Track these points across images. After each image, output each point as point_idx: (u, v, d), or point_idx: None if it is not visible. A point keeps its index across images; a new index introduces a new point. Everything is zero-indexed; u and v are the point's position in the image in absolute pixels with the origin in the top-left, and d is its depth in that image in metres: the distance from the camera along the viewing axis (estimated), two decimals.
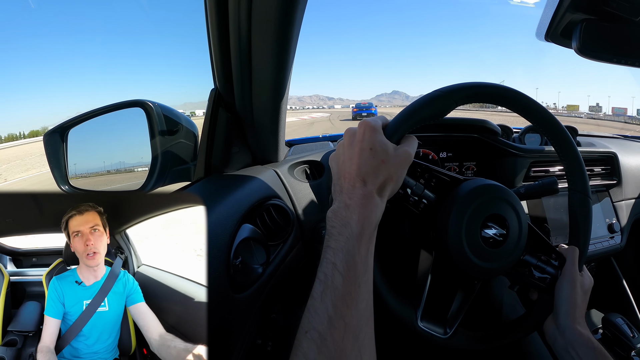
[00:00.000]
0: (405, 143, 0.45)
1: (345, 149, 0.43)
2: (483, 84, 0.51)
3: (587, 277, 0.55)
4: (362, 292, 0.37)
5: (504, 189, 0.53)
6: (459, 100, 0.49)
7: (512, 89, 0.52)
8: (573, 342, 0.50)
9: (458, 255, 0.50)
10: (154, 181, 0.64)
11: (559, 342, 0.52)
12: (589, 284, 0.55)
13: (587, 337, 0.50)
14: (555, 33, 0.60)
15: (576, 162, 0.54)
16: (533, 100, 0.53)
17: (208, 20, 0.56)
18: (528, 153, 0.89)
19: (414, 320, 0.53)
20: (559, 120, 0.54)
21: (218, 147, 0.67)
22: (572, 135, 1.02)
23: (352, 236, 0.38)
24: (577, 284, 0.52)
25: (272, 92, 0.61)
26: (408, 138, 0.47)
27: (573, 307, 0.51)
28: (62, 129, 0.67)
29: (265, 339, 0.68)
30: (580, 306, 0.52)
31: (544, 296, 0.55)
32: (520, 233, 0.52)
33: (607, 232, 1.00)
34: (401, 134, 0.46)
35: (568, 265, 0.53)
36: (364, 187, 0.40)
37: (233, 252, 0.49)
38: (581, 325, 0.51)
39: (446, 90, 0.49)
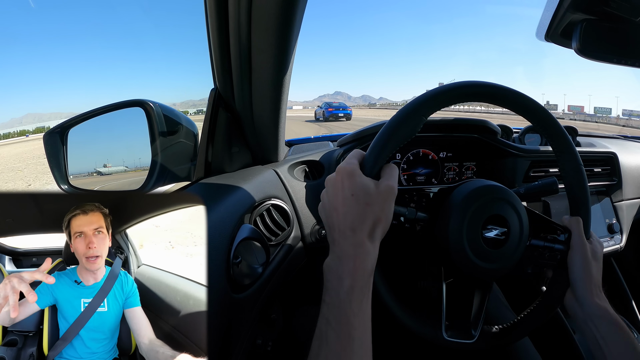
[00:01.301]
0: (385, 176, 0.44)
1: (330, 198, 0.43)
2: (442, 88, 0.49)
3: (596, 244, 0.54)
4: (356, 347, 0.37)
5: (501, 189, 0.53)
6: (429, 111, 0.47)
7: (473, 82, 0.50)
8: (591, 315, 0.50)
9: (461, 259, 0.50)
10: (153, 181, 0.64)
11: (578, 314, 0.51)
12: (600, 251, 0.54)
13: (604, 309, 0.50)
14: (555, 33, 0.60)
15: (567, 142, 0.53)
16: (506, 91, 0.51)
17: (208, 20, 0.56)
18: (528, 153, 0.89)
19: (439, 333, 0.52)
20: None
21: (218, 147, 0.67)
22: (571, 136, 1.02)
23: (343, 291, 0.38)
24: (588, 253, 0.51)
25: (272, 92, 0.61)
26: (387, 168, 0.45)
27: (588, 278, 0.51)
28: (62, 128, 0.67)
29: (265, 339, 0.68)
30: (595, 276, 0.51)
31: (559, 271, 0.54)
32: (521, 231, 0.52)
33: (607, 233, 1.00)
34: (379, 166, 0.45)
35: (575, 237, 0.52)
36: (354, 236, 0.40)
37: (233, 252, 0.49)
38: (599, 297, 0.51)
39: (414, 105, 0.47)
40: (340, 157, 0.77)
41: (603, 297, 0.51)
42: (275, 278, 0.60)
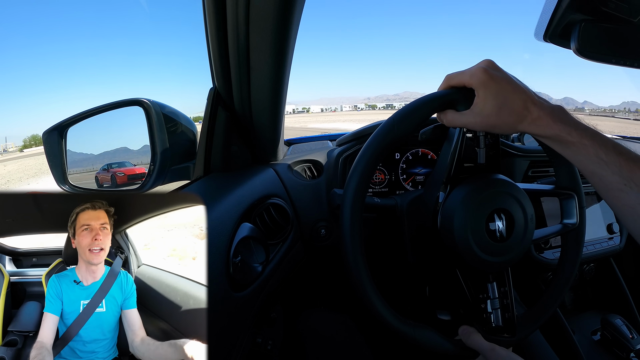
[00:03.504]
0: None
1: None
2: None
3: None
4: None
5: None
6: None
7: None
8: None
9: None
10: (153, 180, 0.64)
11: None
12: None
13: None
14: (554, 33, 0.60)
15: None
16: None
17: (206, 19, 0.56)
18: (527, 153, 0.89)
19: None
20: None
21: (217, 146, 0.67)
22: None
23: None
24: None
25: (271, 91, 0.61)
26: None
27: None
28: (61, 127, 0.67)
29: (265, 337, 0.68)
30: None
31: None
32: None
33: (606, 233, 1.00)
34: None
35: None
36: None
37: (232, 251, 0.49)
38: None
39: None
40: (339, 156, 0.77)
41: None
42: (275, 277, 0.60)
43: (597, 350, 0.94)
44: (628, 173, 0.41)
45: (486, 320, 0.54)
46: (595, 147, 0.42)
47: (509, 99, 0.44)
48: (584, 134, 0.43)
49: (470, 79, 0.45)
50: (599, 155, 0.42)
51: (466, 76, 0.46)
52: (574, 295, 1.15)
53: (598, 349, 0.94)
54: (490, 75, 0.44)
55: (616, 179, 0.41)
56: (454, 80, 0.48)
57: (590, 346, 0.95)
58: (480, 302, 0.54)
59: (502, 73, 0.45)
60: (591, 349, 0.95)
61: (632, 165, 0.41)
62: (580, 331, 0.98)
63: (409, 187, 0.84)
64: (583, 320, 1.03)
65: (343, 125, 12.76)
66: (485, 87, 0.44)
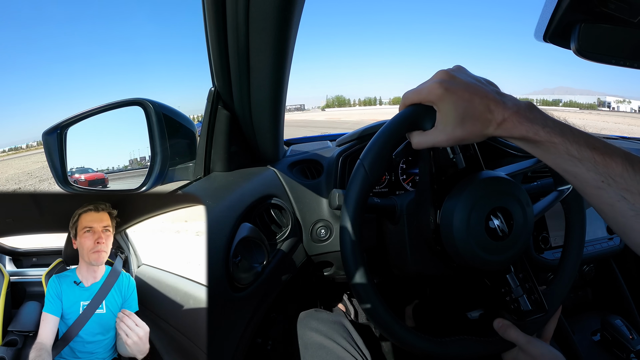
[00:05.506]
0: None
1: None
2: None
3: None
4: None
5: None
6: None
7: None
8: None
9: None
10: (152, 180, 0.64)
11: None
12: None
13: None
14: (554, 34, 0.60)
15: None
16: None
17: (206, 19, 0.56)
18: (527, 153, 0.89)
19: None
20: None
21: (217, 146, 0.67)
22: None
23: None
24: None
25: (270, 91, 0.61)
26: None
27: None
28: (61, 127, 0.66)
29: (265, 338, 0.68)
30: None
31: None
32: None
33: (606, 234, 1.00)
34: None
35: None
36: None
37: (232, 251, 0.49)
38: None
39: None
40: (339, 156, 0.77)
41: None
42: (275, 277, 0.60)
43: (597, 351, 0.94)
44: (604, 168, 0.38)
45: (516, 309, 0.54)
46: (565, 144, 0.40)
47: (469, 107, 0.42)
48: (553, 132, 0.41)
49: (428, 95, 0.44)
50: (571, 153, 0.40)
51: (423, 93, 0.44)
52: (574, 295, 1.15)
53: (598, 350, 0.94)
54: (446, 87, 0.43)
55: (592, 176, 0.39)
56: (409, 100, 0.46)
57: (590, 347, 0.95)
58: (505, 295, 0.55)
59: (457, 81, 0.44)
60: (591, 349, 0.95)
61: (607, 160, 0.38)
62: (581, 332, 0.99)
63: (408, 187, 0.84)
64: (583, 320, 1.03)
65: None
66: (443, 101, 0.43)
